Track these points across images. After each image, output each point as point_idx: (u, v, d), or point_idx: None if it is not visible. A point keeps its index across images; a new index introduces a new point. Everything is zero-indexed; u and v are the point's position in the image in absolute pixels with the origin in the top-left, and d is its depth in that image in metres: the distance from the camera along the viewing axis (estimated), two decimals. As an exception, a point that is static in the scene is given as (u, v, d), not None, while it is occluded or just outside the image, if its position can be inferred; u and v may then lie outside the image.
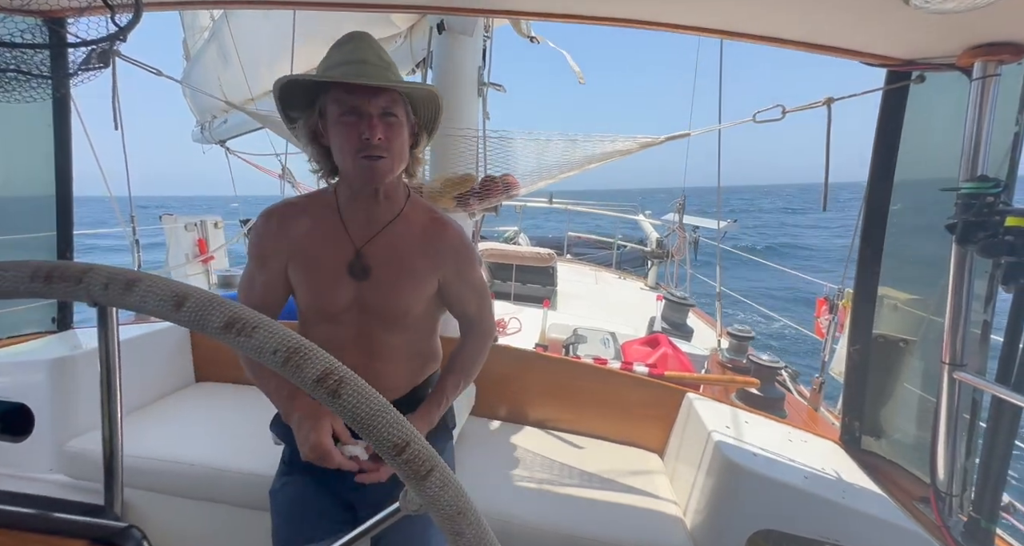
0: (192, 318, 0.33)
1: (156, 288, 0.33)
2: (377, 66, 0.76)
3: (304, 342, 0.33)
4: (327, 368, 0.32)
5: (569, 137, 1.46)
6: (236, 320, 0.33)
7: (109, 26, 1.18)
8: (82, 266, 0.35)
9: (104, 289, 0.34)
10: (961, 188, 1.03)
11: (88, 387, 1.36)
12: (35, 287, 0.34)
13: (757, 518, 1.06)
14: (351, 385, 0.32)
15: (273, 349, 0.32)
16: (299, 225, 0.87)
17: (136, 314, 0.93)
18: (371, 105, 0.74)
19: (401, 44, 2.05)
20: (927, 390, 1.21)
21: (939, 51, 1.13)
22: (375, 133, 0.74)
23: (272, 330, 0.33)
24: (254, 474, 1.21)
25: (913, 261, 1.31)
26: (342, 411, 0.32)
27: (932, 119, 1.25)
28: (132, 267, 2.20)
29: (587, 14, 1.30)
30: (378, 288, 0.86)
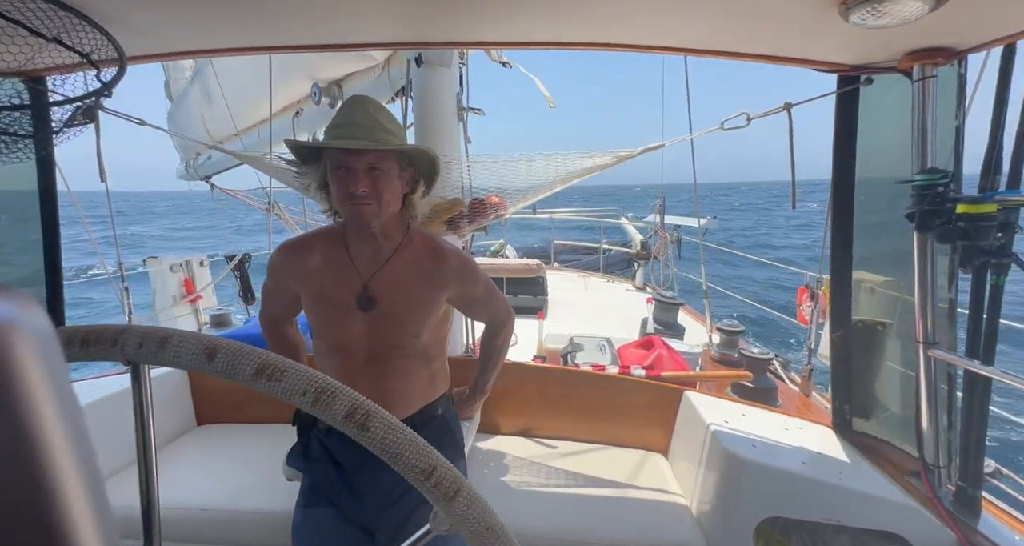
0: (224, 369, 0.35)
1: (188, 343, 0.36)
2: (366, 127, 0.87)
3: (329, 381, 0.36)
4: (353, 404, 0.35)
5: (549, 156, 1.52)
6: (265, 367, 0.35)
7: (93, 82, 1.20)
8: (116, 328, 0.37)
9: (139, 348, 0.36)
10: (914, 180, 1.12)
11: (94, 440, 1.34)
12: (72, 352, 0.36)
13: (762, 507, 1.10)
14: (377, 418, 0.35)
15: (302, 391, 0.35)
16: (310, 260, 0.96)
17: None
18: (358, 161, 0.85)
19: (379, 75, 2.10)
20: (907, 369, 1.28)
21: (882, 56, 1.24)
22: (359, 186, 0.85)
23: (299, 373, 0.36)
24: (268, 512, 1.21)
25: (883, 248, 1.40)
26: (371, 443, 0.35)
27: (885, 116, 1.35)
28: (122, 310, 2.18)
29: (552, 41, 1.37)
30: (385, 317, 0.94)
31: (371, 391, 0.95)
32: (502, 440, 1.62)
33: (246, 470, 1.38)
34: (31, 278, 1.54)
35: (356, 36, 1.37)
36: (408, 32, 1.32)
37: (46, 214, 1.52)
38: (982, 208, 0.96)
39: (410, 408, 0.99)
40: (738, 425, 1.30)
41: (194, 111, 3.06)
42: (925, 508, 1.06)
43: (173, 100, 3.33)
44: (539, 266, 4.05)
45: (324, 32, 1.34)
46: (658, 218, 4.86)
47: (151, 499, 0.48)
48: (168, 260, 3.45)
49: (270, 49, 1.52)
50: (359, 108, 0.89)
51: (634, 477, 1.38)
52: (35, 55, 1.06)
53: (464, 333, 1.88)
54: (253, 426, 1.67)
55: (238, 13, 1.17)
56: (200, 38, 1.38)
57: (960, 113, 1.15)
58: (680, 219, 5.06)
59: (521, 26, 1.26)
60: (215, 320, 2.85)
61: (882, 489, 1.10)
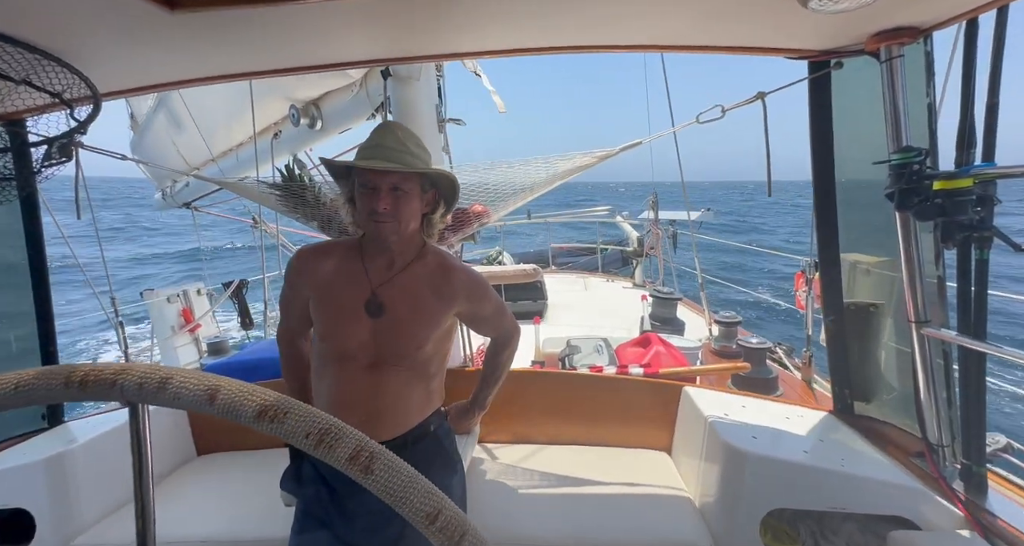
0: (225, 410, 0.35)
1: (188, 384, 0.35)
2: (393, 150, 0.92)
3: (332, 422, 0.35)
4: (357, 445, 0.34)
5: (529, 161, 1.53)
6: (267, 408, 0.35)
7: (69, 121, 1.21)
8: (115, 368, 0.36)
9: (139, 389, 0.35)
10: (891, 159, 1.12)
11: (88, 481, 1.33)
12: (71, 393, 0.36)
13: (766, 499, 1.09)
14: (381, 460, 0.34)
15: (305, 433, 0.34)
16: (326, 264, 1.00)
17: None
18: (382, 181, 0.91)
19: (357, 92, 2.12)
20: (904, 349, 1.27)
21: (849, 40, 1.24)
22: (381, 204, 0.91)
23: (302, 414, 0.35)
24: (270, 540, 1.20)
25: (873, 229, 1.39)
26: (375, 486, 0.34)
27: (858, 99, 1.36)
28: (118, 345, 2.17)
29: (526, 47, 1.38)
30: (391, 325, 0.96)
31: (367, 405, 0.95)
32: (503, 449, 1.60)
33: (247, 499, 1.36)
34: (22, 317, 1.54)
35: (331, 56, 1.38)
36: (382, 49, 1.33)
37: (33, 253, 1.53)
38: (958, 183, 0.96)
39: (403, 426, 0.99)
40: (738, 417, 1.29)
41: (163, 139, 3.05)
42: (931, 489, 1.04)
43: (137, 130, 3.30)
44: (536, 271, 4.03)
45: (298, 54, 1.35)
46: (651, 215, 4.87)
47: (147, 541, 0.46)
48: (165, 292, 3.45)
49: (246, 75, 1.53)
50: (389, 132, 0.95)
51: (638, 477, 1.37)
52: (4, 98, 1.07)
53: (462, 345, 1.87)
54: (254, 453, 1.66)
55: (211, 43, 1.18)
56: (175, 70, 1.39)
57: (930, 90, 1.15)
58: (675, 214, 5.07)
59: (493, 35, 1.27)
60: (212, 348, 2.85)
61: (887, 472, 1.08)
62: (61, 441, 1.40)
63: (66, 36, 1.04)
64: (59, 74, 1.13)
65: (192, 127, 2.79)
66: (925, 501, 1.03)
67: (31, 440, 1.45)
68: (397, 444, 0.97)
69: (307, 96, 2.29)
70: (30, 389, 0.35)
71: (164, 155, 3.17)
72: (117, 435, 1.47)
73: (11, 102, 1.11)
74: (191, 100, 2.77)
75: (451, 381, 1.61)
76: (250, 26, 1.09)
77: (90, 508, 1.32)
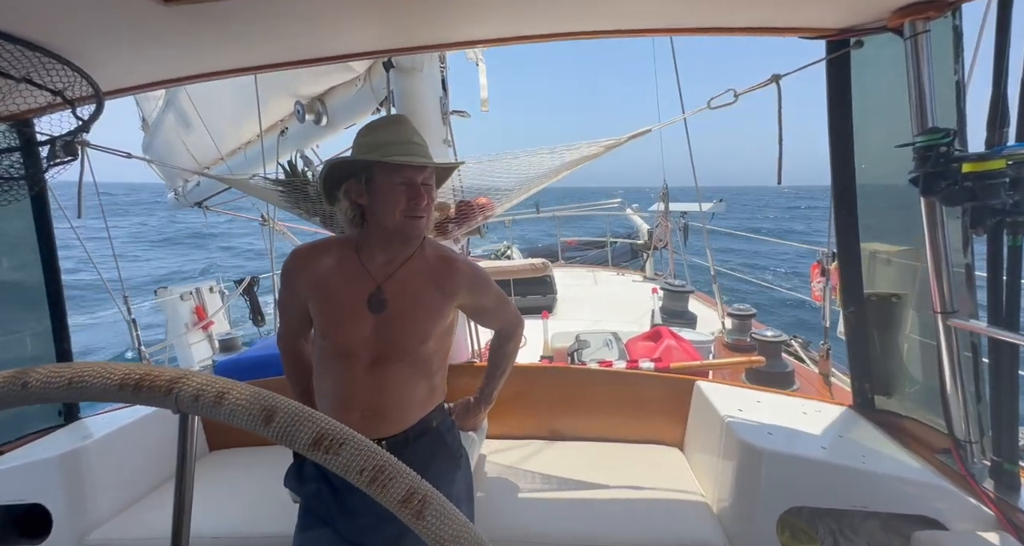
0: (281, 434, 0.34)
1: (245, 401, 0.34)
2: (421, 146, 0.94)
3: (387, 459, 0.34)
4: (411, 487, 0.33)
5: (534, 152, 1.49)
6: (324, 437, 0.33)
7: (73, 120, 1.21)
8: (171, 375, 0.35)
9: (194, 401, 0.34)
10: (915, 142, 1.06)
11: (102, 476, 1.35)
12: (124, 395, 0.35)
13: (783, 498, 1.05)
14: (433, 505, 0.33)
15: (360, 469, 0.33)
16: (322, 264, 0.98)
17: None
18: (418, 177, 0.92)
19: (361, 87, 2.10)
20: (929, 341, 1.21)
21: (870, 16, 1.18)
22: (424, 201, 0.92)
23: (358, 447, 0.34)
24: (280, 536, 1.20)
25: (895, 216, 1.33)
26: (426, 533, 0.33)
27: (879, 80, 1.29)
28: (132, 344, 2.20)
29: (533, 33, 1.34)
30: (394, 320, 0.95)
31: (369, 402, 0.94)
32: (512, 445, 1.59)
33: (258, 495, 1.37)
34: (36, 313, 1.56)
35: (334, 48, 1.36)
36: (384, 39, 1.31)
37: (45, 252, 1.55)
38: (989, 165, 0.90)
39: (405, 422, 0.97)
40: (753, 413, 1.25)
41: (173, 139, 3.07)
42: (959, 487, 1.00)
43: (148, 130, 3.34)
44: (545, 265, 4.01)
45: (299, 47, 1.33)
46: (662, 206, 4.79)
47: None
48: (178, 289, 3.51)
49: (249, 70, 1.52)
50: (408, 127, 0.96)
51: (650, 474, 1.34)
52: (6, 97, 1.07)
53: (468, 340, 1.86)
54: (265, 449, 1.67)
55: (209, 37, 1.16)
56: (178, 66, 1.38)
57: (959, 68, 1.09)
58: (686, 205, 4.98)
59: (497, 22, 1.24)
60: (224, 345, 2.89)
61: (911, 470, 1.04)
62: (76, 437, 1.42)
63: (65, 33, 1.04)
64: (60, 73, 1.13)
65: (200, 126, 2.81)
66: (952, 500, 0.98)
67: (48, 436, 1.47)
68: (399, 440, 0.95)
69: (312, 92, 2.27)
70: (83, 386, 0.35)
71: (175, 155, 3.20)
72: (132, 432, 1.49)
73: (13, 102, 1.11)
74: (198, 99, 2.78)
75: (458, 377, 1.59)
76: (247, 19, 1.07)
77: (105, 503, 1.34)
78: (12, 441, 1.46)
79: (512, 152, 1.52)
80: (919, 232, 1.20)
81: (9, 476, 1.29)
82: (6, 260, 1.58)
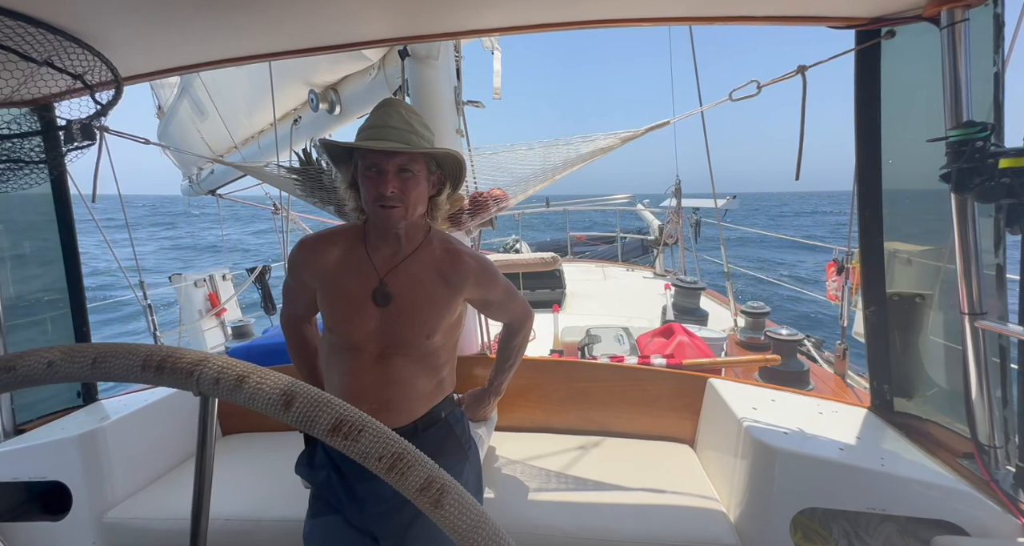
0: (301, 419, 0.33)
1: (266, 385, 0.34)
2: (399, 130, 0.86)
3: (406, 447, 0.34)
4: (429, 476, 0.33)
5: (550, 143, 1.47)
6: (343, 423, 0.33)
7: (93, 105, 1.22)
8: (193, 358, 0.35)
9: (215, 384, 0.34)
10: (949, 136, 1.02)
11: (120, 457, 1.38)
12: (146, 376, 0.35)
13: (798, 498, 1.04)
14: (452, 495, 0.33)
15: (379, 455, 0.33)
16: (329, 255, 0.96)
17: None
18: (389, 163, 0.86)
19: (376, 75, 2.08)
20: (953, 343, 1.18)
21: (904, 4, 1.13)
22: (388, 187, 0.86)
23: (377, 434, 0.33)
24: (290, 521, 1.21)
25: (917, 214, 1.29)
26: (442, 521, 0.32)
27: (911, 72, 1.24)
28: (147, 329, 2.24)
29: (550, 22, 1.31)
30: (399, 314, 0.93)
31: (376, 394, 0.94)
32: (522, 437, 1.59)
33: (269, 479, 1.39)
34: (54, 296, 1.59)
35: (350, 35, 1.35)
36: (399, 26, 1.29)
37: (64, 235, 1.57)
38: (1030, 160, 0.86)
39: (413, 414, 0.97)
40: (767, 411, 1.23)
41: (188, 126, 3.09)
42: (981, 493, 0.97)
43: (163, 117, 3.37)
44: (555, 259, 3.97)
45: (317, 34, 1.32)
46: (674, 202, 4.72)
47: (200, 527, 0.45)
48: (192, 276, 3.55)
49: (264, 56, 1.51)
50: (392, 111, 0.89)
51: (660, 470, 1.33)
52: (27, 80, 1.07)
53: (479, 332, 1.85)
54: (277, 434, 1.69)
55: (229, 23, 1.16)
56: (195, 52, 1.38)
57: (998, 58, 1.04)
58: (698, 201, 4.91)
59: (515, 10, 1.21)
60: (236, 331, 2.93)
61: (930, 474, 1.01)
62: (95, 418, 1.45)
63: (86, 17, 1.04)
64: (81, 57, 1.13)
65: (214, 114, 2.82)
66: (974, 505, 0.96)
67: (67, 416, 1.51)
68: (407, 431, 0.95)
69: (326, 80, 2.27)
70: (107, 366, 0.35)
71: (189, 143, 3.22)
72: (149, 414, 1.52)
73: (35, 85, 1.12)
74: (213, 87, 2.79)
75: (469, 368, 1.59)
76: (264, 5, 1.06)
77: (123, 483, 1.37)
78: (33, 420, 1.50)
79: (527, 143, 1.50)
80: (944, 231, 1.16)
81: (31, 454, 1.32)
82: (28, 244, 1.60)
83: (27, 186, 1.27)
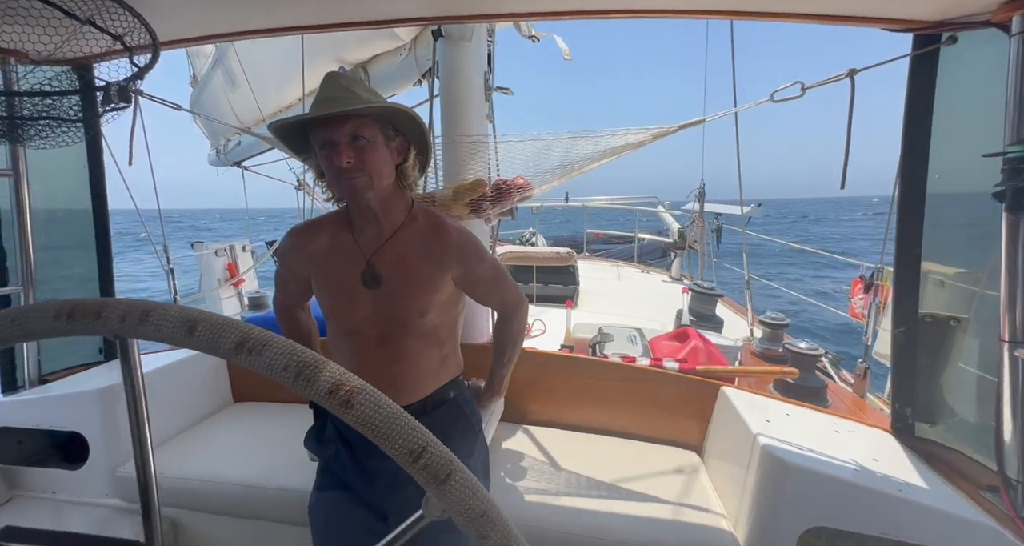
0: (204, 342, 0.34)
1: (168, 316, 0.35)
2: (342, 98, 0.82)
3: (313, 356, 0.34)
4: (337, 380, 0.33)
5: (578, 134, 1.44)
6: (246, 340, 0.34)
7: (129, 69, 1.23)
8: (99, 301, 0.36)
9: (121, 322, 0.36)
10: (1007, 152, 0.96)
11: None
12: (59, 325, 0.36)
13: (807, 516, 1.01)
14: (363, 395, 0.33)
15: (283, 366, 0.33)
16: (317, 243, 0.96)
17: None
18: (339, 133, 0.82)
19: (406, 56, 2.07)
20: (986, 370, 1.13)
21: (971, 8, 1.06)
22: (344, 158, 0.82)
23: (281, 347, 0.34)
24: (293, 490, 1.23)
25: (959, 234, 1.23)
26: (356, 421, 0.33)
27: (968, 82, 1.17)
28: (168, 294, 2.30)
29: (589, 9, 1.28)
30: (391, 294, 0.92)
31: (381, 375, 0.94)
32: (526, 430, 1.58)
33: (274, 448, 1.42)
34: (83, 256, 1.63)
35: (384, 12, 1.33)
36: (436, 5, 1.27)
37: (95, 194, 1.60)
38: (1098, 182, 0.80)
39: (420, 392, 0.97)
40: (781, 425, 1.20)
41: (219, 97, 3.13)
42: (1004, 528, 0.93)
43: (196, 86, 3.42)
44: (570, 254, 3.95)
45: (352, 9, 1.31)
46: (697, 206, 4.62)
47: (148, 481, 0.47)
48: (213, 245, 3.63)
49: (297, 29, 1.51)
50: (333, 83, 0.85)
51: (664, 475, 1.31)
52: (70, 37, 1.09)
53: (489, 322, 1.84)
54: (285, 406, 1.72)
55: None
56: (230, 20, 1.39)
57: None
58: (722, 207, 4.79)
59: None
60: (253, 303, 2.99)
61: (951, 504, 0.97)
62: (115, 375, 1.50)
63: (128, -23, 1.04)
64: (121, 18, 1.14)
65: (246, 86, 2.84)
66: (996, 540, 0.92)
67: (90, 371, 1.55)
68: (416, 410, 0.95)
69: (356, 58, 2.26)
70: (24, 322, 0.36)
71: (219, 113, 3.27)
72: (166, 374, 1.56)
73: (77, 43, 1.13)
74: (246, 58, 2.81)
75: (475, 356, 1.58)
76: None
77: None
78: (57, 371, 1.55)
79: (555, 133, 1.47)
80: (984, 254, 1.10)
81: (53, 403, 1.37)
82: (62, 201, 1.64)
83: (63, 144, 1.30)
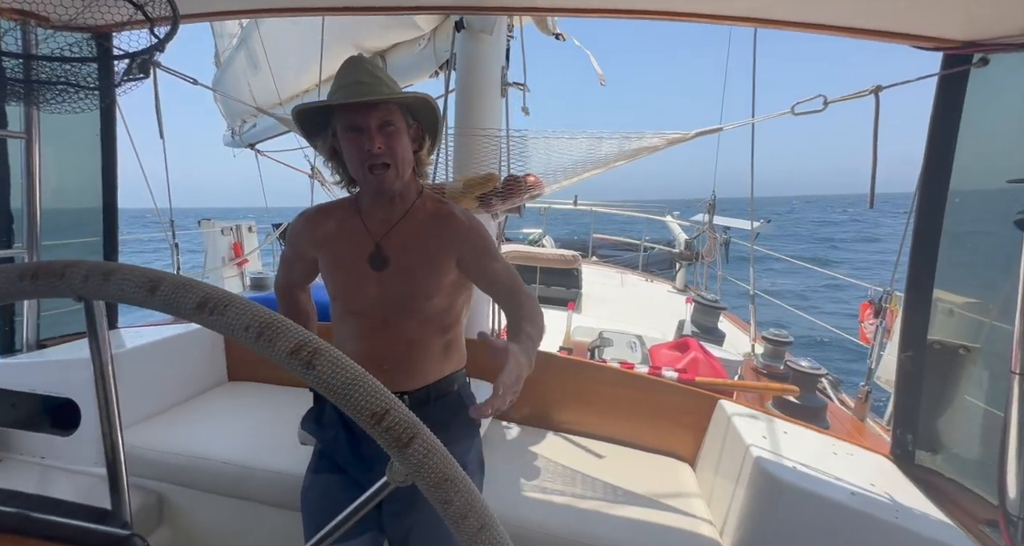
0: (166, 302, 0.34)
1: (131, 276, 0.35)
2: (370, 84, 0.83)
3: (276, 317, 0.34)
4: (300, 341, 0.32)
5: (594, 135, 1.42)
6: (207, 300, 0.33)
7: (150, 38, 1.23)
8: (64, 262, 0.36)
9: (84, 282, 0.35)
10: (1033, 179, 0.94)
11: (129, 384, 1.42)
12: (24, 286, 0.36)
13: (798, 536, 0.99)
14: (325, 356, 0.32)
15: (245, 326, 0.33)
16: (326, 226, 0.97)
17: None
18: (369, 119, 0.83)
19: (425, 46, 2.06)
20: (992, 402, 1.10)
21: (1006, 29, 1.04)
22: (375, 143, 0.83)
23: (243, 308, 0.33)
24: (282, 473, 1.23)
25: (973, 261, 1.20)
26: (317, 382, 0.32)
27: (997, 105, 1.14)
28: (171, 269, 2.30)
29: (614, 7, 1.26)
30: (398, 276, 0.93)
31: (385, 357, 0.93)
32: (519, 429, 1.57)
33: (266, 429, 1.41)
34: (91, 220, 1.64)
35: None
36: None
37: (106, 163, 1.61)
38: None
39: (424, 378, 0.96)
40: (778, 443, 1.17)
41: (240, 78, 3.16)
42: None
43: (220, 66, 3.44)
44: (575, 258, 3.94)
45: None
46: (706, 218, 4.59)
47: (115, 450, 0.47)
48: (220, 224, 3.64)
49: (319, 10, 1.50)
50: (359, 66, 0.85)
51: (655, 485, 1.29)
52: (91, 4, 1.09)
53: (490, 316, 1.83)
54: (279, 387, 1.71)
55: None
56: (251, -3, 1.38)
57: None
58: (731, 220, 4.76)
59: None
60: (255, 283, 3.00)
61: (948, 535, 0.95)
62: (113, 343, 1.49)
63: (153, -54, 1.04)
64: (144, -12, 1.14)
65: (266, 68, 2.85)
66: None
67: (82, 340, 1.56)
68: (420, 397, 0.95)
69: (375, 46, 2.25)
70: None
71: (238, 94, 3.28)
72: (162, 348, 1.56)
73: (98, 11, 1.13)
74: (268, 40, 2.82)
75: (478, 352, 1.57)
76: None
77: (129, 409, 1.41)
78: (55, 337, 1.56)
79: (569, 131, 1.45)
80: (996, 285, 1.07)
81: (49, 369, 1.37)
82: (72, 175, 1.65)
83: (78, 110, 1.29)
